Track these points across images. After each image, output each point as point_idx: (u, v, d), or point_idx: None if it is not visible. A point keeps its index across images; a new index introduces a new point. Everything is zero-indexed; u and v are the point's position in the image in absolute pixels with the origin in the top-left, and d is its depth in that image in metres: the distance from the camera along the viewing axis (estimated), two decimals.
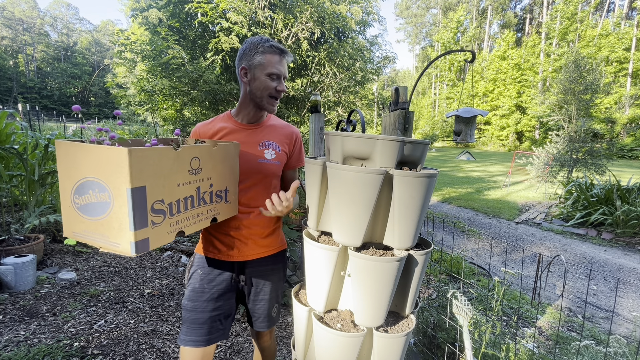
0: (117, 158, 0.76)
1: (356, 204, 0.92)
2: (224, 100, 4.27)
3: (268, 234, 1.29)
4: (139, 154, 0.78)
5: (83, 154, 0.80)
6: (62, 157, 0.83)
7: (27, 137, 3.68)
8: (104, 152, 0.78)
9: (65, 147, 0.82)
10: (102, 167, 0.78)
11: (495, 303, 1.60)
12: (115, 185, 0.78)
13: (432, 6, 48.14)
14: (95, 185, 0.80)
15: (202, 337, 1.18)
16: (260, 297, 1.32)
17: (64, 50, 48.47)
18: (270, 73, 1.16)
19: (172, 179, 0.90)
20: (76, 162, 0.81)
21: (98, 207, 0.80)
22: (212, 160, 1.04)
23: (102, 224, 0.81)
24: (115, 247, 0.81)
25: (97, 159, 0.79)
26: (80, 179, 0.81)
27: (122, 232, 0.79)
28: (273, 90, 1.17)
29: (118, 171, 0.77)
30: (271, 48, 1.16)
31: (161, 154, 0.85)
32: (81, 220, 0.83)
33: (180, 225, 0.95)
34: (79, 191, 0.82)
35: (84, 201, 0.81)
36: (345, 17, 4.39)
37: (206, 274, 1.23)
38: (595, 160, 8.16)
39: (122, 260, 3.51)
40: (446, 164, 17.71)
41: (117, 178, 0.77)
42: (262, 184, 1.24)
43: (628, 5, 29.11)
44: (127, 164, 0.75)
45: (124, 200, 0.77)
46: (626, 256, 4.48)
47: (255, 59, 1.16)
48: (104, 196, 0.79)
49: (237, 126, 1.25)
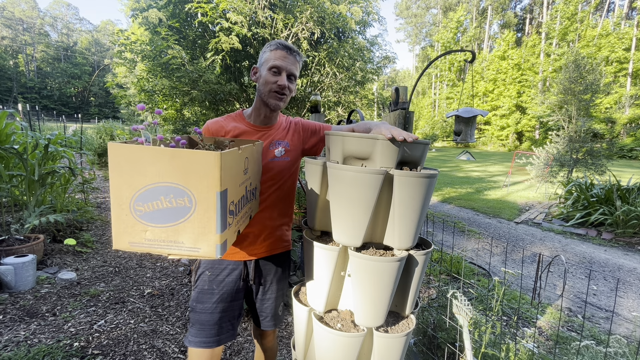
0: (207, 162, 0.74)
1: (356, 204, 0.92)
2: (224, 100, 4.27)
3: (276, 231, 1.29)
4: (226, 156, 0.77)
5: (153, 158, 0.74)
6: (121, 162, 0.75)
7: (27, 137, 3.68)
8: (188, 156, 0.74)
9: (126, 152, 0.75)
10: (181, 171, 0.75)
11: (495, 303, 1.60)
12: (199, 189, 0.76)
13: (432, 6, 48.13)
14: (170, 190, 0.76)
15: (213, 338, 1.18)
16: (268, 295, 1.32)
17: (64, 50, 48.46)
18: (272, 66, 1.17)
19: (236, 180, 0.90)
20: (141, 167, 0.75)
21: (172, 212, 0.77)
22: (252, 159, 1.06)
23: (177, 230, 0.78)
24: (193, 253, 0.79)
25: (174, 163, 0.75)
26: (147, 185, 0.76)
27: (205, 235, 0.78)
28: (274, 85, 1.17)
29: (206, 175, 0.75)
30: (276, 45, 1.18)
31: (234, 156, 0.85)
32: (144, 228, 0.78)
33: (239, 225, 0.96)
34: (143, 198, 0.76)
35: (151, 208, 0.77)
36: (345, 17, 4.39)
37: (215, 275, 1.23)
38: (595, 160, 8.16)
39: (122, 260, 3.51)
40: (446, 164, 17.71)
41: (202, 182, 0.75)
42: (273, 181, 1.25)
43: (628, 5, 29.12)
44: (219, 168, 0.74)
45: (210, 204, 0.76)
46: (626, 256, 4.48)
47: (263, 57, 1.20)
48: (182, 201, 0.76)
49: (250, 127, 1.25)
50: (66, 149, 4.35)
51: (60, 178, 4.13)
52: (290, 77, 1.21)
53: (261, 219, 1.24)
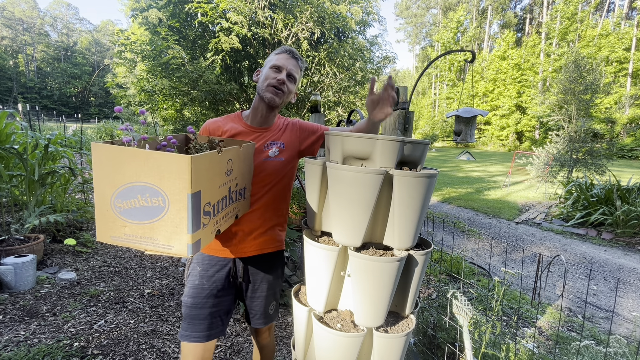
0: (178, 165, 0.77)
1: (356, 204, 0.92)
2: (224, 100, 4.27)
3: (267, 230, 1.30)
4: (198, 160, 0.79)
5: (130, 158, 0.78)
6: (103, 161, 0.80)
7: (27, 137, 3.68)
8: (161, 158, 0.77)
9: (107, 151, 0.79)
10: (156, 172, 0.78)
11: (495, 303, 1.60)
12: (172, 190, 0.78)
13: (432, 6, 48.12)
14: (145, 190, 0.79)
15: (203, 332, 1.20)
16: (258, 294, 1.33)
17: (64, 50, 48.47)
18: (273, 65, 1.23)
19: (215, 182, 0.92)
20: (120, 167, 0.79)
21: (148, 211, 0.81)
22: (239, 160, 1.08)
23: (152, 228, 0.81)
24: (167, 250, 0.82)
25: (149, 164, 0.78)
26: (126, 184, 0.79)
27: (177, 235, 0.81)
28: (273, 80, 1.21)
29: (178, 177, 0.77)
30: (281, 49, 1.26)
31: (211, 159, 0.88)
32: (123, 224, 0.82)
33: (218, 225, 0.99)
34: (122, 195, 0.80)
35: (129, 205, 0.81)
36: (345, 17, 4.39)
37: (205, 271, 1.25)
38: (595, 160, 8.16)
39: (122, 260, 3.51)
40: (446, 164, 17.71)
41: (175, 183, 0.78)
42: (265, 181, 1.26)
43: (628, 5, 29.11)
44: (189, 171, 0.77)
45: (182, 205, 0.79)
46: (626, 256, 4.48)
47: (266, 61, 1.28)
48: (156, 201, 0.80)
49: (247, 128, 1.28)
50: (66, 149, 4.35)
51: (60, 178, 4.13)
52: (290, 77, 1.24)
53: (252, 218, 1.25)
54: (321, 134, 1.34)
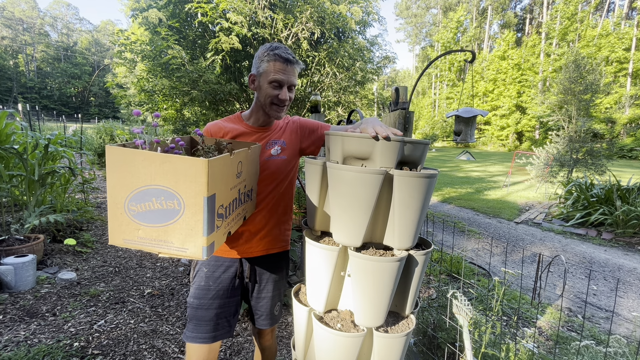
0: (195, 168, 0.76)
1: (356, 204, 0.92)
2: (224, 100, 4.27)
3: (273, 229, 1.30)
4: (213, 163, 0.79)
5: (145, 161, 0.78)
6: (117, 164, 0.79)
7: (27, 137, 3.67)
8: (177, 162, 0.77)
9: (121, 154, 0.78)
10: (172, 176, 0.78)
11: (495, 303, 1.60)
12: (188, 193, 0.78)
13: (432, 6, 48.12)
14: (161, 193, 0.79)
15: (209, 333, 1.20)
16: (264, 294, 1.32)
17: (64, 50, 48.47)
18: (272, 80, 1.16)
19: (227, 184, 0.93)
20: (135, 170, 0.78)
21: (162, 214, 0.80)
22: (247, 162, 1.08)
23: (166, 231, 0.81)
24: (181, 253, 0.82)
25: (165, 168, 0.77)
26: (140, 187, 0.79)
27: (192, 237, 0.81)
28: (275, 99, 1.18)
29: (194, 180, 0.77)
30: (275, 56, 1.14)
31: (224, 162, 0.88)
32: (137, 227, 0.81)
33: (229, 227, 0.99)
34: (137, 199, 0.80)
35: (143, 208, 0.80)
36: (345, 17, 4.39)
37: (212, 272, 1.24)
38: (595, 160, 8.15)
39: (122, 260, 3.51)
40: (446, 164, 17.71)
41: (191, 187, 0.78)
42: (269, 179, 1.26)
43: (628, 5, 29.10)
44: (206, 174, 0.77)
45: (198, 208, 0.79)
46: (626, 256, 4.47)
47: (261, 67, 1.17)
48: (171, 204, 0.79)
49: (248, 129, 1.27)
50: (66, 149, 4.34)
51: (60, 178, 4.13)
52: (290, 88, 1.22)
53: (258, 218, 1.25)
54: (321, 134, 1.33)
